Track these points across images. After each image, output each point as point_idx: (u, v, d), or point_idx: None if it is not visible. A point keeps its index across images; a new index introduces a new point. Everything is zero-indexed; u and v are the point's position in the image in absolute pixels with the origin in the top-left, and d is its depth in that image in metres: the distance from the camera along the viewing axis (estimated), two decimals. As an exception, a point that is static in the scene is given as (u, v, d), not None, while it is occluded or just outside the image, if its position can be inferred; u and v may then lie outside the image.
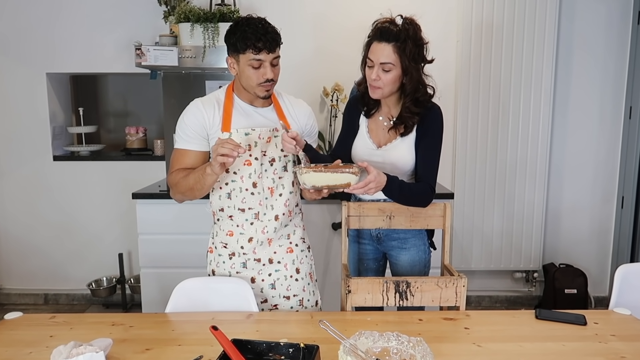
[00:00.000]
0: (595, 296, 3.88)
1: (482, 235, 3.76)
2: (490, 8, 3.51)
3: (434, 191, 2.03)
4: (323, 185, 1.75)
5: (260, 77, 1.80)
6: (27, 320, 1.74)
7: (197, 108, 1.88)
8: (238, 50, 1.79)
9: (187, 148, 1.89)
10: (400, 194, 1.94)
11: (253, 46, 1.75)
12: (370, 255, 2.23)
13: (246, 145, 1.86)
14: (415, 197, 2.00)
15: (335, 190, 1.79)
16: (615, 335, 1.60)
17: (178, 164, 1.91)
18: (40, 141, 3.78)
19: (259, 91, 1.84)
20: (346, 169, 1.73)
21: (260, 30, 1.75)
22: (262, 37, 1.74)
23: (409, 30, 1.87)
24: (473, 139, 3.65)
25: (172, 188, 1.93)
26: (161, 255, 3.12)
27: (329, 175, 1.74)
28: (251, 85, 1.83)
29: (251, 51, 1.76)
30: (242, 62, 1.80)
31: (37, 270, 3.93)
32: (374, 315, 1.77)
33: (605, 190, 3.83)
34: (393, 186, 1.87)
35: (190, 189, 1.84)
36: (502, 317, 1.80)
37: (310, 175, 1.74)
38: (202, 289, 1.88)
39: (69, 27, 3.63)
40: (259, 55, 1.77)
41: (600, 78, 3.69)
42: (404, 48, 1.86)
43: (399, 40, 1.86)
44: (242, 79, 1.84)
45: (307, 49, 3.59)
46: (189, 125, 1.87)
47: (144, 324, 1.71)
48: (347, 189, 1.75)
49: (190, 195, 1.87)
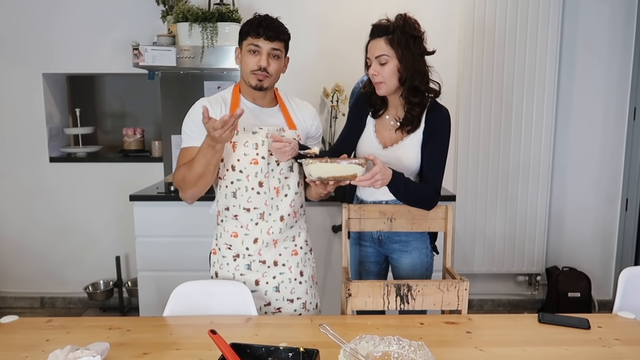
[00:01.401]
0: (599, 300, 3.87)
1: (485, 237, 3.76)
2: (493, 8, 3.51)
3: (439, 194, 2.03)
4: (329, 177, 1.76)
5: (254, 64, 1.85)
6: (23, 324, 1.74)
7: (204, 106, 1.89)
8: (242, 37, 1.88)
9: (195, 145, 1.87)
10: (406, 191, 1.94)
11: (254, 30, 1.83)
12: (371, 258, 2.23)
13: (253, 144, 1.87)
14: (421, 197, 2.00)
15: (341, 183, 1.80)
16: (619, 340, 1.60)
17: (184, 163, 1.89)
18: (37, 142, 3.79)
19: (251, 79, 1.88)
20: (352, 160, 1.75)
21: (266, 20, 1.85)
22: (263, 23, 1.83)
23: (398, 21, 1.94)
24: (475, 140, 3.66)
25: (181, 185, 1.89)
26: (159, 258, 3.12)
27: (335, 166, 1.75)
28: (246, 72, 1.88)
29: (252, 36, 1.84)
30: (243, 49, 1.88)
31: (33, 273, 3.93)
32: (375, 319, 1.77)
33: (609, 192, 3.83)
34: (399, 181, 1.89)
35: (200, 176, 1.80)
36: (505, 321, 1.80)
37: (317, 166, 1.75)
38: (201, 292, 1.88)
39: (65, 26, 3.63)
40: (257, 41, 1.84)
41: (604, 79, 3.69)
42: (394, 38, 1.92)
43: (389, 33, 1.92)
44: (242, 67, 1.90)
45: (308, 49, 3.59)
46: (195, 122, 1.87)
47: (141, 328, 1.71)
48: (354, 181, 1.77)
49: (202, 183, 1.83)
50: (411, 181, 1.97)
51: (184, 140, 1.93)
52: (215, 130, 1.64)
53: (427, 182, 2.01)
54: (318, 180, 1.79)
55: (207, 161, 1.77)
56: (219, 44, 3.08)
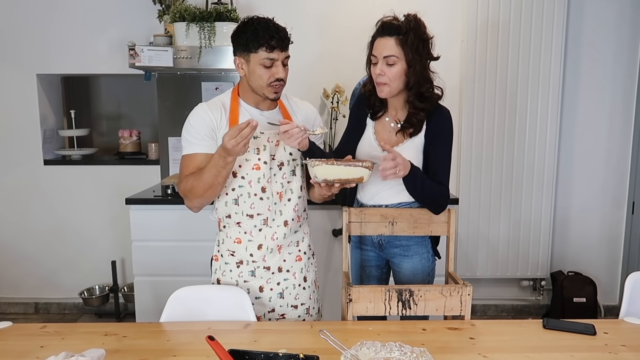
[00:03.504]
0: (605, 305, 3.87)
1: (488, 241, 3.76)
2: (497, 7, 3.51)
3: (448, 197, 2.05)
4: (335, 179, 1.77)
5: (271, 77, 1.82)
6: (17, 330, 1.74)
7: (204, 111, 1.89)
8: (250, 49, 1.81)
9: (197, 152, 1.87)
10: (423, 186, 1.96)
11: (267, 44, 1.78)
12: (372, 262, 2.23)
13: (254, 149, 1.87)
14: (435, 196, 2.01)
15: (346, 185, 1.81)
16: (625, 346, 1.60)
17: (188, 171, 1.87)
18: (31, 145, 3.79)
19: (268, 92, 1.86)
20: (359, 163, 1.75)
21: (272, 29, 1.79)
22: (275, 35, 1.78)
23: (411, 23, 1.92)
24: (478, 142, 3.66)
25: (188, 195, 1.88)
26: (156, 262, 3.12)
27: (342, 169, 1.75)
28: (261, 85, 1.84)
29: (264, 49, 1.79)
30: (253, 61, 1.82)
31: (27, 278, 3.93)
32: (376, 324, 1.77)
33: (615, 195, 3.83)
34: (417, 174, 1.92)
35: (209, 187, 1.80)
36: (509, 327, 1.81)
37: (323, 168, 1.75)
38: (198, 297, 1.88)
39: (60, 26, 3.64)
40: (272, 54, 1.80)
41: (610, 79, 3.69)
42: (407, 40, 1.90)
43: (401, 34, 1.91)
44: (252, 79, 1.85)
45: (308, 50, 3.59)
46: (196, 128, 1.87)
47: (137, 334, 1.71)
48: (379, 174, 1.80)
49: (211, 193, 1.84)
50: (427, 178, 1.99)
51: (184, 147, 1.91)
52: (231, 139, 1.64)
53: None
54: (324, 183, 1.79)
55: (217, 172, 1.77)
56: (216, 44, 3.08)
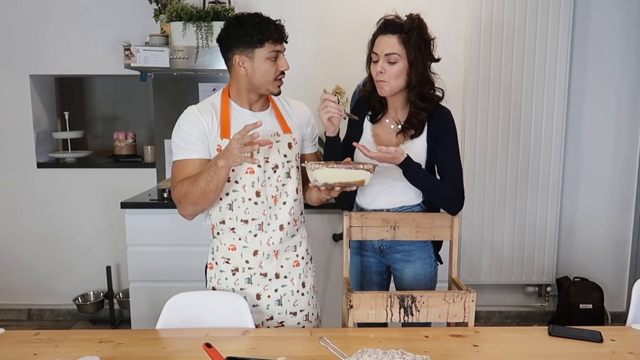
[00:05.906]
0: (611, 312, 3.87)
1: (492, 247, 3.76)
2: (501, 5, 3.51)
3: (463, 197, 2.06)
4: (335, 183, 1.77)
5: (277, 70, 1.85)
6: (10, 337, 1.74)
7: (194, 114, 1.87)
8: (254, 45, 1.81)
9: (189, 157, 1.86)
10: (425, 178, 1.99)
11: (272, 37, 1.80)
12: (373, 268, 2.23)
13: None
14: (445, 190, 2.03)
15: (347, 189, 1.81)
16: (633, 353, 1.60)
17: (181, 177, 1.86)
18: (23, 147, 3.78)
19: (273, 87, 1.88)
20: (360, 165, 1.75)
21: (271, 21, 1.82)
22: (277, 27, 1.82)
23: (414, 22, 1.94)
24: (482, 144, 3.66)
25: (181, 202, 1.86)
26: (152, 268, 3.12)
27: (343, 172, 1.75)
28: (267, 80, 1.85)
29: (271, 42, 1.81)
30: (258, 57, 1.82)
31: (19, 284, 3.92)
32: (377, 331, 1.77)
33: (622, 199, 3.82)
34: (412, 163, 1.94)
35: (203, 194, 1.79)
36: (514, 334, 1.81)
37: (322, 171, 1.75)
38: (195, 304, 1.88)
39: (53, 26, 3.64)
40: (278, 46, 1.83)
41: (617, 82, 3.69)
42: (409, 39, 1.92)
43: (403, 32, 1.92)
44: (256, 76, 1.85)
45: (307, 49, 3.59)
46: (187, 133, 1.85)
47: (133, 341, 1.70)
48: (365, 152, 1.86)
49: (204, 202, 1.82)
50: (430, 174, 2.01)
51: (175, 152, 1.89)
52: (234, 141, 1.66)
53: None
54: (324, 186, 1.79)
55: (216, 185, 1.77)
56: (214, 44, 3.08)
